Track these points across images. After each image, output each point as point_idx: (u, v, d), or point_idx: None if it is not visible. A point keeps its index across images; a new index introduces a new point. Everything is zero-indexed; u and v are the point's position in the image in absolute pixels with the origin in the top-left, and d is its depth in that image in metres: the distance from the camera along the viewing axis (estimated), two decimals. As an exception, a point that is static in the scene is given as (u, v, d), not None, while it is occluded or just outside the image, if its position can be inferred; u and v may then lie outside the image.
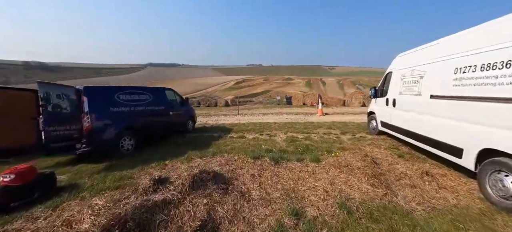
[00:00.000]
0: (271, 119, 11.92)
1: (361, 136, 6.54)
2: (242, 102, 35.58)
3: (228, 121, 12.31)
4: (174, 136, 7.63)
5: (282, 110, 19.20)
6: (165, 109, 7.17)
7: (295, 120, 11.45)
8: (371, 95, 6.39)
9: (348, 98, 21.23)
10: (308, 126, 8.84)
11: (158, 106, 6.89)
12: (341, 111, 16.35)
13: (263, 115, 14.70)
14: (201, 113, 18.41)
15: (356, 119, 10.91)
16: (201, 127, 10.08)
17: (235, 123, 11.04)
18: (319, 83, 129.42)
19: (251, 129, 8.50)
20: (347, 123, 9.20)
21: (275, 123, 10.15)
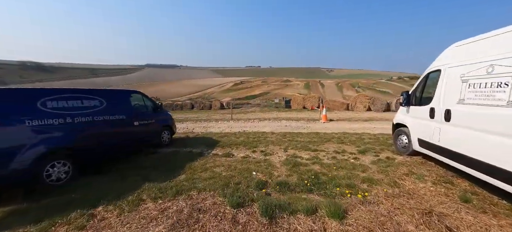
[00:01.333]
0: (268, 127, 10.21)
1: (387, 157, 4.83)
2: (239, 105, 33.88)
3: (218, 128, 10.59)
4: (142, 153, 5.89)
5: (280, 114, 17.50)
6: (126, 119, 5.42)
7: (296, 128, 9.75)
8: (403, 101, 4.68)
9: (352, 101, 19.61)
10: (313, 138, 7.13)
11: (115, 115, 5.14)
12: (346, 116, 14.70)
13: (259, 120, 12.99)
14: (192, 118, 16.65)
15: (367, 128, 9.23)
16: (183, 138, 8.34)
17: (225, 132, 9.31)
18: (317, 85, 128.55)
19: (242, 143, 6.77)
20: (360, 134, 7.51)
21: (272, 133, 8.43)
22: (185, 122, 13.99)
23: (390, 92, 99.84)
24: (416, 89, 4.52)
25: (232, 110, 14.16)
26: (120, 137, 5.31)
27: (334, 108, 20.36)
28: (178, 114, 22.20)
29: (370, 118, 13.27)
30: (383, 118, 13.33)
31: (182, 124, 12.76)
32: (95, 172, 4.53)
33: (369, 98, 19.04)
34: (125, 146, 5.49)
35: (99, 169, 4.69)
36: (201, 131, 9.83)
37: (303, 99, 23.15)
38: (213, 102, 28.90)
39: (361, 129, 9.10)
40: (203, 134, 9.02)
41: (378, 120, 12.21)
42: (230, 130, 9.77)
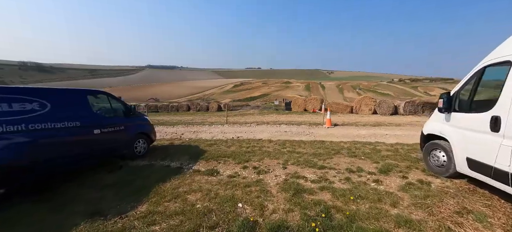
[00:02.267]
0: (266, 133, 9.02)
1: (419, 180, 3.63)
2: (237, 107, 32.73)
3: (210, 134, 9.42)
4: (106, 168, 4.73)
5: (280, 117, 16.33)
6: (82, 126, 4.26)
7: (297, 134, 8.56)
8: (442, 106, 3.46)
9: (356, 104, 18.43)
10: (318, 148, 5.94)
11: (65, 121, 3.98)
12: (351, 120, 13.52)
13: (257, 124, 11.82)
14: (185, 121, 15.46)
15: (379, 135, 8.04)
16: (167, 145, 7.18)
17: (216, 138, 8.14)
18: (318, 87, 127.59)
19: (232, 154, 5.59)
20: (374, 144, 6.30)
21: (270, 141, 7.24)
22: (176, 125, 12.83)
23: (391, 94, 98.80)
24: (462, 90, 3.34)
25: (227, 113, 12.99)
26: (71, 149, 4.14)
27: (338, 111, 19.19)
28: (172, 116, 21.06)
29: (378, 122, 12.08)
30: (392, 122, 12.14)
31: (172, 128, 11.60)
32: (42, 193, 3.40)
33: (374, 100, 17.86)
34: (80, 160, 4.32)
35: (40, 190, 3.55)
36: (190, 137, 8.67)
37: (304, 101, 21.99)
38: (210, 104, 27.77)
39: (371, 136, 7.91)
40: (191, 141, 7.85)
41: (387, 125, 11.02)
42: (223, 136, 8.60)
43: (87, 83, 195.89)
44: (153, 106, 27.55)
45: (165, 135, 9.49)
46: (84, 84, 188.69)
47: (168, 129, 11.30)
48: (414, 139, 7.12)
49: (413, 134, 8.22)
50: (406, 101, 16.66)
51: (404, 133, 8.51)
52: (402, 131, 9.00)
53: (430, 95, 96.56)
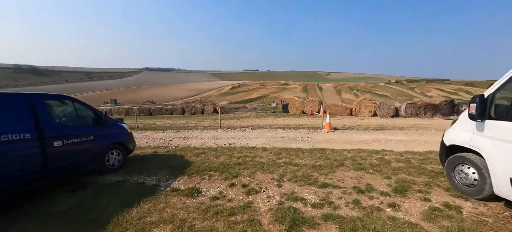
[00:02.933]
0: (261, 139, 8.31)
1: (445, 203, 2.92)
2: (233, 110, 32.00)
3: (200, 140, 8.69)
4: (69, 186, 3.98)
5: (277, 120, 15.65)
6: (33, 139, 3.51)
7: (294, 140, 7.86)
8: (476, 112, 2.74)
9: (356, 106, 17.83)
10: (318, 158, 5.23)
11: (7, 133, 3.23)
12: (351, 123, 12.88)
13: (252, 129, 11.10)
14: (177, 125, 14.67)
15: (383, 141, 7.37)
16: (149, 154, 6.44)
17: (206, 146, 7.40)
18: (316, 89, 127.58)
19: (220, 167, 4.86)
20: (381, 153, 5.61)
21: (264, 149, 6.52)
22: (167, 130, 12.06)
23: (389, 95, 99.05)
24: (499, 93, 2.65)
25: (221, 117, 12.25)
26: (17, 168, 3.37)
27: (336, 113, 18.56)
28: (166, 120, 20.27)
29: (380, 126, 11.44)
30: (394, 125, 11.52)
31: (161, 134, 10.84)
32: None
33: (374, 102, 17.28)
34: (31, 181, 3.55)
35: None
36: (178, 144, 7.92)
37: (302, 103, 21.36)
38: (206, 107, 27.02)
39: (375, 142, 7.24)
40: (178, 149, 7.10)
41: (390, 128, 10.38)
42: (214, 143, 7.87)
43: (83, 86, 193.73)
44: (146, 109, 26.73)
45: (152, 142, 8.74)
46: (80, 87, 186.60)
47: (157, 135, 10.55)
48: (423, 146, 6.47)
49: (420, 139, 7.58)
50: (407, 103, 16.10)
51: (410, 138, 7.86)
52: (408, 135, 8.35)
53: (427, 96, 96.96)
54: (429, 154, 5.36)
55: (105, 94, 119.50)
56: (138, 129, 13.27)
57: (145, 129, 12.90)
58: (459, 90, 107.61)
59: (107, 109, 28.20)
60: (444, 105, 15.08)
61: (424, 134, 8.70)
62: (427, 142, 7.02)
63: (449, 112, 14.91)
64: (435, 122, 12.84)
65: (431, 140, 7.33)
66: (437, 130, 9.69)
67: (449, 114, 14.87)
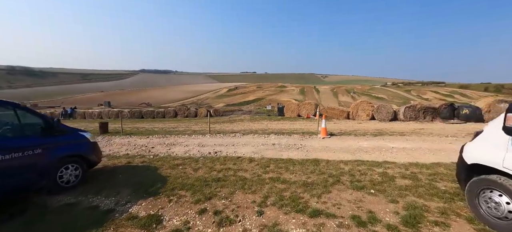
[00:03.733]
0: (249, 147, 7.58)
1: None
2: (228, 112, 31.25)
3: (185, 147, 7.95)
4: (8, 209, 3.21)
5: (271, 124, 14.95)
6: None
7: (286, 148, 7.15)
8: None
9: (353, 109, 17.23)
10: (311, 174, 4.50)
11: None
12: (348, 127, 12.23)
13: (243, 134, 10.37)
14: (166, 129, 13.82)
15: (384, 149, 6.70)
16: (121, 166, 5.68)
17: (188, 155, 6.66)
18: (313, 91, 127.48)
19: (195, 184, 4.12)
20: (383, 166, 4.91)
21: (251, 159, 5.78)
22: (153, 135, 11.27)
23: (385, 98, 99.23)
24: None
25: (210, 121, 11.50)
26: None
27: (333, 117, 17.93)
28: (156, 123, 19.43)
29: (379, 131, 10.80)
30: (394, 130, 10.89)
31: (145, 139, 10.06)
32: None
33: (372, 105, 16.70)
34: None
35: None
36: (158, 153, 7.17)
37: (297, 106, 20.71)
38: (199, 110, 26.23)
39: (375, 150, 6.57)
40: (155, 159, 6.33)
41: (390, 134, 9.73)
42: (198, 152, 7.13)
43: (78, 88, 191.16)
44: (137, 112, 25.83)
45: (132, 149, 7.99)
46: (76, 88, 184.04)
47: (141, 141, 9.77)
48: (428, 156, 5.80)
49: (423, 147, 6.92)
50: (406, 106, 15.54)
51: (412, 145, 7.20)
52: (409, 142, 7.70)
53: (423, 98, 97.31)
54: (437, 167, 4.68)
55: (100, 96, 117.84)
56: (122, 133, 12.46)
57: (131, 134, 12.09)
58: (454, 93, 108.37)
59: (97, 112, 27.27)
60: (444, 108, 14.54)
61: (427, 140, 8.07)
62: (431, 151, 6.36)
63: (450, 116, 14.36)
64: (436, 126, 12.26)
65: (436, 149, 6.68)
66: (439, 136, 9.08)
67: (450, 118, 14.33)
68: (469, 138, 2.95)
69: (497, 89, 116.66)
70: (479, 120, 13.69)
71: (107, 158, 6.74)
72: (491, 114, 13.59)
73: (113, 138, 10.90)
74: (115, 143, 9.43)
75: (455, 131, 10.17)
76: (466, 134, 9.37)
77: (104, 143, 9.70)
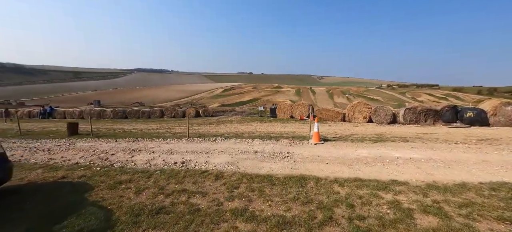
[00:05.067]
0: (226, 155, 6.28)
1: None
2: (219, 113, 29.85)
3: (149, 155, 6.61)
4: None
5: (260, 126, 13.66)
6: None
7: (269, 158, 5.87)
8: None
9: (349, 111, 16.07)
10: (293, 202, 3.18)
11: None
12: (344, 131, 11.01)
13: (224, 139, 9.05)
14: (144, 130, 12.14)
15: (388, 160, 5.48)
16: (51, 182, 4.30)
17: (147, 167, 5.32)
18: (309, 92, 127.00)
19: (123, 219, 2.80)
20: (394, 191, 3.61)
21: (219, 175, 4.45)
22: (124, 138, 9.89)
23: (380, 99, 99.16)
24: None
25: (188, 124, 10.10)
26: None
27: (328, 118, 16.75)
28: (138, 124, 17.82)
29: (379, 135, 9.62)
30: (395, 135, 9.71)
31: (111, 144, 8.70)
32: None
33: (369, 106, 15.57)
34: None
35: None
36: (116, 161, 5.84)
37: (290, 107, 19.46)
38: (187, 110, 24.75)
39: (378, 162, 5.34)
40: (106, 170, 4.97)
41: (391, 139, 8.55)
42: (162, 161, 5.81)
43: (70, 86, 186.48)
44: (121, 112, 24.19)
45: (88, 156, 6.66)
46: (67, 87, 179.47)
47: (104, 145, 8.40)
48: (445, 171, 4.58)
49: (435, 157, 5.72)
50: (406, 108, 14.44)
51: (421, 155, 6.00)
52: (416, 151, 6.50)
53: (418, 100, 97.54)
54: (465, 192, 3.44)
55: (92, 95, 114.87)
56: (92, 136, 11.01)
57: (100, 137, 10.65)
58: (448, 95, 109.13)
59: (78, 111, 25.56)
60: (447, 111, 13.49)
61: (435, 148, 6.89)
62: (445, 163, 5.16)
63: (452, 119, 13.32)
64: (440, 130, 11.16)
65: (449, 160, 5.48)
66: (447, 142, 7.92)
67: (452, 121, 13.28)
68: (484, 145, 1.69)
69: (490, 92, 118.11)
70: (484, 124, 12.67)
71: (44, 170, 5.37)
72: (498, 118, 12.59)
73: (77, 142, 9.47)
74: (74, 149, 8.03)
75: (462, 137, 9.05)
76: (477, 140, 8.25)
77: (63, 147, 8.30)
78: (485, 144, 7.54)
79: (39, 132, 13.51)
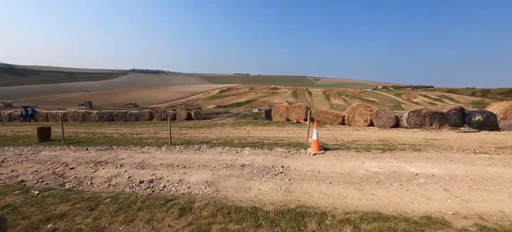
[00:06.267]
0: (207, 170, 5.14)
1: None
2: (213, 115, 28.64)
3: (120, 167, 5.45)
4: None
5: (254, 130, 12.54)
6: None
7: (259, 175, 4.75)
8: None
9: (349, 113, 15.06)
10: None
11: None
12: (345, 137, 9.94)
13: (210, 147, 7.89)
14: (126, 135, 10.40)
15: (403, 175, 4.42)
16: None
17: (98, 192, 4.15)
18: (305, 94, 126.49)
19: None
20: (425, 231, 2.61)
21: (187, 208, 3.30)
22: (98, 146, 8.68)
23: (376, 101, 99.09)
24: None
25: (171, 129, 8.89)
26: None
27: (326, 122, 15.72)
28: (123, 128, 16.38)
29: (384, 142, 8.59)
30: (402, 141, 8.69)
31: (80, 153, 7.53)
32: None
33: (370, 109, 14.60)
34: None
35: None
36: (71, 179, 4.67)
37: (286, 109, 18.39)
38: (178, 112, 23.46)
39: (393, 181, 4.28)
40: (44, 195, 3.79)
41: (400, 148, 7.51)
42: (126, 179, 4.65)
43: (63, 87, 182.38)
44: (107, 114, 22.77)
45: (43, 171, 5.53)
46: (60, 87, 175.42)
47: (70, 155, 7.21)
48: (482, 195, 3.51)
49: (459, 173, 4.68)
50: (410, 111, 13.49)
51: (442, 170, 4.95)
52: (435, 164, 5.46)
53: (413, 102, 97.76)
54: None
55: (84, 96, 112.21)
56: (63, 142, 9.72)
57: (72, 144, 9.38)
58: (443, 97, 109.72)
59: (62, 113, 24.03)
60: (453, 114, 12.59)
61: (455, 160, 5.86)
62: (476, 182, 4.12)
63: (459, 123, 12.42)
64: (449, 136, 10.20)
65: (479, 177, 4.45)
66: (463, 151, 6.92)
67: (459, 125, 12.38)
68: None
69: (483, 93, 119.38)
70: (494, 128, 11.79)
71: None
72: (508, 121, 11.73)
73: (43, 150, 8.23)
74: (33, 160, 6.80)
75: (478, 144, 8.08)
76: (496, 148, 7.28)
77: (22, 158, 7.13)
78: (508, 154, 6.57)
79: (9, 137, 12.14)
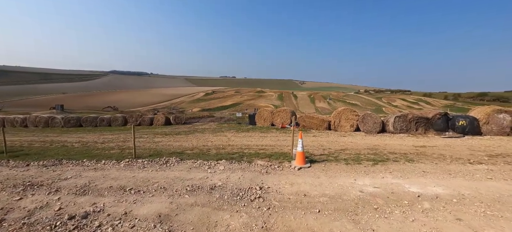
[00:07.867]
0: (164, 197, 4.06)
1: None
2: (194, 119, 27.20)
3: (48, 196, 4.14)
4: None
5: (235, 138, 11.49)
6: None
7: (229, 204, 3.76)
8: None
9: (334, 118, 14.52)
10: None
11: None
12: (332, 144, 9.22)
13: (180, 161, 6.75)
14: (89, 144, 8.64)
15: (402, 195, 3.65)
16: None
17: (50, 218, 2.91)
18: (291, 97, 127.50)
19: None
20: None
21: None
22: (42, 161, 7.20)
23: (359, 104, 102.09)
24: None
25: (134, 140, 7.61)
26: None
27: (312, 127, 15.06)
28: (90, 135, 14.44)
29: (373, 150, 7.95)
30: (392, 149, 8.10)
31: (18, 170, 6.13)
32: None
33: (357, 114, 14.15)
34: None
35: None
36: None
37: (271, 114, 17.55)
38: (155, 117, 21.80)
39: (394, 207, 3.49)
40: None
41: (392, 158, 6.87)
42: (51, 216, 3.44)
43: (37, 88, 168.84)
44: (74, 119, 20.57)
45: None
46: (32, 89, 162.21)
47: (3, 173, 5.72)
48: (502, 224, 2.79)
49: (464, 192, 3.99)
50: (396, 116, 13.18)
51: (445, 189, 4.26)
52: (434, 180, 4.79)
53: (392, 105, 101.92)
54: None
55: (58, 98, 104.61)
56: (5, 155, 8.05)
57: (15, 157, 7.81)
58: (419, 100, 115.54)
59: (21, 119, 21.40)
60: (438, 119, 12.43)
61: (453, 172, 5.25)
62: (488, 205, 3.44)
63: (444, 128, 12.27)
64: (436, 142, 9.86)
65: (488, 196, 3.79)
66: (457, 160, 6.40)
67: (444, 129, 12.23)
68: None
69: (455, 97, 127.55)
70: (477, 132, 11.74)
71: None
72: (490, 126, 11.70)
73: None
74: None
75: (468, 152, 7.68)
76: (488, 156, 6.87)
77: None
78: (502, 163, 6.12)
79: None
